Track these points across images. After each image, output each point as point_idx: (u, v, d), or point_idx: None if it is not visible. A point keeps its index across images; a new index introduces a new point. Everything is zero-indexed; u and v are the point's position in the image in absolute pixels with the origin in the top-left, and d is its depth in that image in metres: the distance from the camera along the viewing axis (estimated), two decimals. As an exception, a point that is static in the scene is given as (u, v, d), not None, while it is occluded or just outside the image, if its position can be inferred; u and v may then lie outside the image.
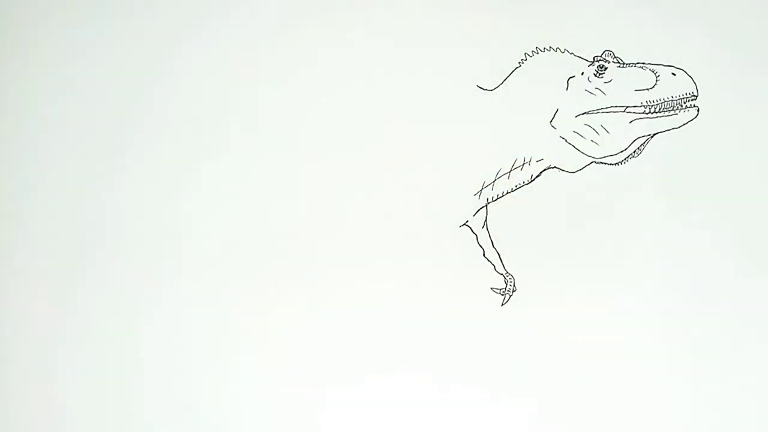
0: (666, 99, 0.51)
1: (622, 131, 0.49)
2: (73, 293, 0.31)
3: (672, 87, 0.50)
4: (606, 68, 0.52)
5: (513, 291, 0.30)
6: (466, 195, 0.39)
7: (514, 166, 0.47)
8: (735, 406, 0.26)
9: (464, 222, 0.29)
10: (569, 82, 0.51)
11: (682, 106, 0.50)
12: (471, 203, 0.42)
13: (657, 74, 0.51)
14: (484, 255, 0.30)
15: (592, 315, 0.29)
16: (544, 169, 0.48)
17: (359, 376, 0.30)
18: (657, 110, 0.50)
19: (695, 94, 0.50)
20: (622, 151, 0.51)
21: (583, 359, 0.30)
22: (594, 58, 0.51)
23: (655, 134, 0.50)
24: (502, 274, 0.30)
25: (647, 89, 0.51)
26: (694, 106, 0.50)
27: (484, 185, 0.43)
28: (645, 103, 0.51)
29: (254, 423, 0.30)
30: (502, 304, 0.30)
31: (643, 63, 0.52)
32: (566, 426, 0.30)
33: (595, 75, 0.52)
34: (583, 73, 0.52)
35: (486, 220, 0.31)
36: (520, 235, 0.38)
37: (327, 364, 0.30)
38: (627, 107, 0.51)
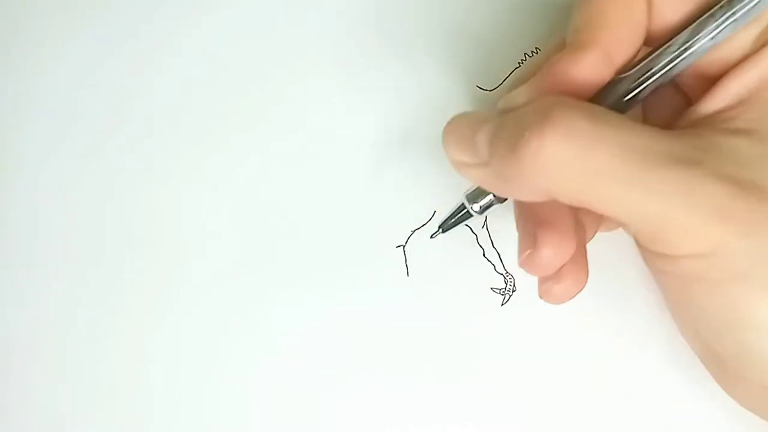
0: None
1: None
2: (74, 293, 0.31)
3: None
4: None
5: (513, 291, 0.30)
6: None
7: None
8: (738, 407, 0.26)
9: (464, 222, 0.29)
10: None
11: None
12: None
13: None
14: (484, 255, 0.30)
15: (593, 314, 0.29)
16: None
17: (357, 376, 0.30)
18: None
19: None
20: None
21: (584, 359, 0.30)
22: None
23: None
24: (502, 274, 0.31)
25: None
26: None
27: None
28: None
29: (255, 422, 0.30)
30: (502, 304, 0.30)
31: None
32: (566, 426, 0.30)
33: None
34: None
35: (486, 220, 0.31)
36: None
37: (325, 365, 0.30)
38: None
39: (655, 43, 0.22)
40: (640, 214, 0.20)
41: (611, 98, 0.22)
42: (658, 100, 0.24)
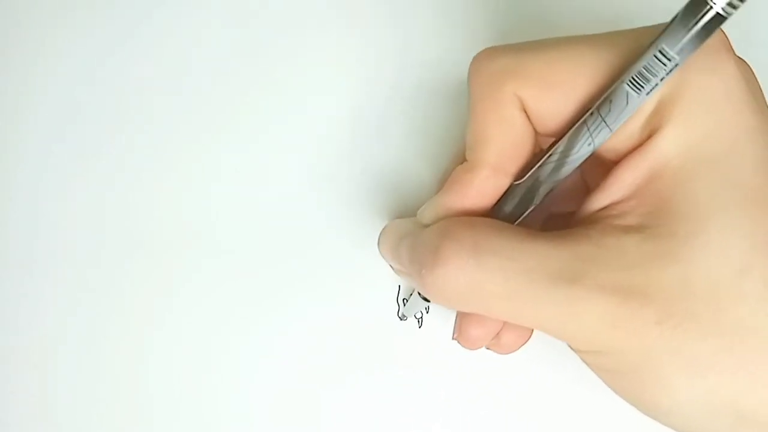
0: None
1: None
2: (74, 293, 0.31)
3: None
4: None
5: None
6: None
7: None
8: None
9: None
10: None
11: None
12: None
13: None
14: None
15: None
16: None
17: (357, 376, 0.30)
18: None
19: None
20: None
21: (580, 361, 0.30)
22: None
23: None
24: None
25: None
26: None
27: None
28: None
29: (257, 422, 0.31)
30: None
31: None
32: (567, 425, 0.30)
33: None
34: None
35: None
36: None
37: (325, 365, 0.30)
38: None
39: (558, 135, 0.23)
40: (536, 326, 0.22)
41: (510, 204, 0.23)
42: (562, 191, 0.25)
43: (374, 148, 0.31)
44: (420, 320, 0.30)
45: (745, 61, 0.21)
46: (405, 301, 0.30)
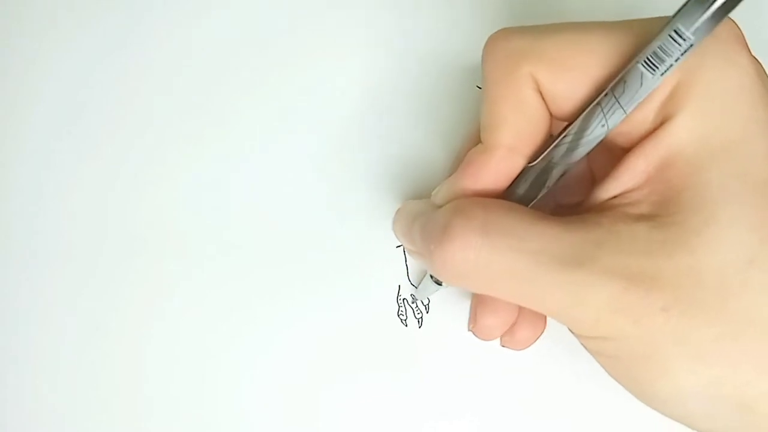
0: None
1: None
2: (72, 292, 0.31)
3: None
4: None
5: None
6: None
7: None
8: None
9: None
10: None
11: None
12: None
13: None
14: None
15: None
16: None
17: (357, 376, 0.30)
18: None
19: None
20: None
21: (586, 357, 0.30)
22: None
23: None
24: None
25: None
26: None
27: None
28: None
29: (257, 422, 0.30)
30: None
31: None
32: (567, 424, 0.30)
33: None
34: None
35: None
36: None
37: (326, 364, 0.30)
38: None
39: (571, 119, 0.23)
40: (541, 308, 0.22)
41: (523, 187, 0.24)
42: (569, 181, 0.25)
43: (382, 138, 0.31)
44: (420, 320, 0.30)
45: (757, 58, 0.22)
46: (405, 301, 0.30)
